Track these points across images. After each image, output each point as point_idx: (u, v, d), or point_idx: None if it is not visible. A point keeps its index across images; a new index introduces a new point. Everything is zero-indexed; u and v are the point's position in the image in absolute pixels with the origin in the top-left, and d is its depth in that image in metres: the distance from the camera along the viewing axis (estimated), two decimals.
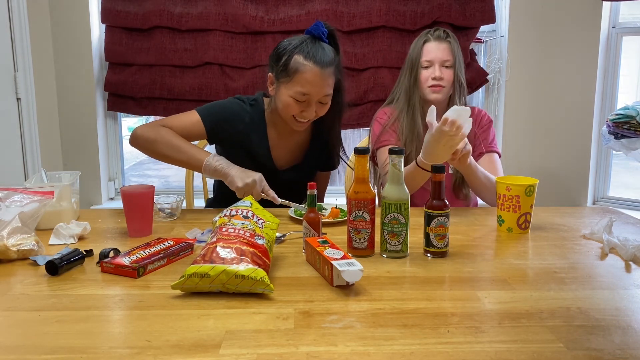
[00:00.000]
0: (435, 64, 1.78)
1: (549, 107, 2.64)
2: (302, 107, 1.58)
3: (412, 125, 1.80)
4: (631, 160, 2.25)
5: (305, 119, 1.61)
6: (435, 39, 1.80)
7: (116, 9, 2.56)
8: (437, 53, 1.78)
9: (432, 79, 1.78)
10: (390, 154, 1.20)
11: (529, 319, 0.91)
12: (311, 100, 1.57)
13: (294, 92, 1.56)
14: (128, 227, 1.39)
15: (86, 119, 2.67)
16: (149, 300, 0.98)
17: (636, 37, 2.64)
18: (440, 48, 1.78)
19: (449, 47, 1.79)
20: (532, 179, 1.43)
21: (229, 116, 1.67)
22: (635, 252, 1.20)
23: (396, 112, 1.84)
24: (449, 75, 1.78)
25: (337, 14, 2.51)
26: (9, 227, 1.20)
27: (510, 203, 1.40)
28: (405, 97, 1.83)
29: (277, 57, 1.60)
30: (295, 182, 1.71)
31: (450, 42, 1.80)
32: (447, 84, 1.79)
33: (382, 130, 1.83)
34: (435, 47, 1.79)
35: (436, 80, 1.77)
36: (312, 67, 1.53)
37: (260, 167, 1.62)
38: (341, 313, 0.93)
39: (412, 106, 1.81)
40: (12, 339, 0.84)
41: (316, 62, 1.54)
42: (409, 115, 1.81)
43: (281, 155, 1.74)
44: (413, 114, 1.81)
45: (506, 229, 1.42)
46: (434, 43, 1.79)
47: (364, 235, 1.20)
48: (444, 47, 1.79)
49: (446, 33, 1.82)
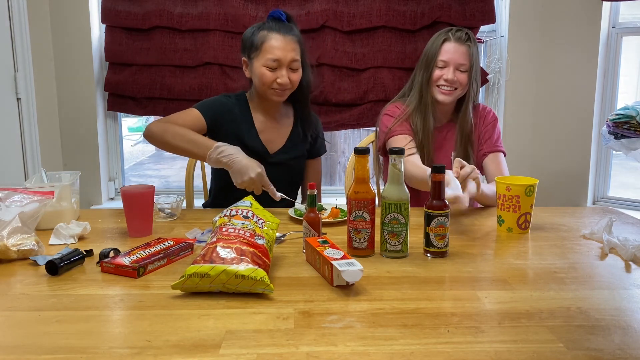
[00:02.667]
0: (451, 65, 1.74)
1: (549, 107, 2.64)
2: (275, 74, 1.70)
3: (425, 123, 1.79)
4: (631, 160, 2.24)
5: (280, 87, 1.71)
6: (456, 40, 1.76)
7: (116, 9, 2.56)
8: (455, 55, 1.74)
9: (444, 80, 1.75)
10: (391, 154, 1.20)
11: (529, 319, 0.91)
12: (282, 65, 1.69)
13: (265, 60, 1.69)
14: (128, 227, 1.39)
15: (86, 119, 2.67)
16: (149, 300, 0.98)
17: (636, 37, 2.64)
18: (459, 51, 1.75)
19: (467, 50, 1.75)
20: (532, 179, 1.43)
21: (222, 108, 1.81)
22: (635, 252, 1.20)
23: (409, 108, 1.82)
24: (463, 80, 1.75)
25: (337, 14, 2.51)
26: (9, 227, 1.20)
27: (510, 203, 1.40)
28: (418, 95, 1.81)
29: (245, 41, 1.76)
30: (287, 165, 1.83)
31: (470, 46, 1.76)
32: (459, 88, 1.77)
33: (395, 122, 1.81)
34: (454, 48, 1.75)
35: (448, 83, 1.75)
36: (276, 35, 1.70)
37: (252, 152, 1.69)
38: (341, 313, 0.93)
39: (425, 104, 1.80)
40: (12, 339, 0.84)
41: (279, 31, 1.71)
42: (421, 114, 1.80)
43: (270, 138, 1.83)
44: (425, 113, 1.80)
45: (506, 229, 1.42)
46: (454, 44, 1.75)
47: (364, 235, 1.20)
48: (462, 50, 1.75)
49: (467, 35, 1.78)
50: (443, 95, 1.77)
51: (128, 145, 10.93)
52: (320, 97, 2.54)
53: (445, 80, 1.75)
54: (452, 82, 1.74)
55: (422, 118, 1.80)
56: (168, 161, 9.48)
